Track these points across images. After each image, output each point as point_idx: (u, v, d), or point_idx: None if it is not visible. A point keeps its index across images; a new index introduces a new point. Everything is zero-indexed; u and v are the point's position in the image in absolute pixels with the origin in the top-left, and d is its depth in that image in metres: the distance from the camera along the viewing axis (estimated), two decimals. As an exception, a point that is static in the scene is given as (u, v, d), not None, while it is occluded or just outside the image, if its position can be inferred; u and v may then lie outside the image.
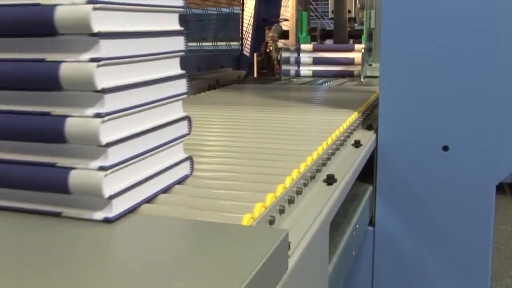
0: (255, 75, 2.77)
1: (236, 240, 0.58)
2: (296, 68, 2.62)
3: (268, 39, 2.73)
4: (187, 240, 0.59)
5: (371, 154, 1.26)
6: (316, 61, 2.65)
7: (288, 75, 2.54)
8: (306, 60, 2.64)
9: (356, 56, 2.54)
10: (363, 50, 2.31)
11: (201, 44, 2.85)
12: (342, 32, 2.79)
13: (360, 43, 2.67)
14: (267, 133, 1.14)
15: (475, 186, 1.26)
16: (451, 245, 1.31)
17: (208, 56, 2.76)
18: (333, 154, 1.03)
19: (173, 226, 0.63)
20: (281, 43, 2.90)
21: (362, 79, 2.32)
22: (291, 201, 0.75)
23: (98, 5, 0.57)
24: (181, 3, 0.74)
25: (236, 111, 1.46)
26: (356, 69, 2.52)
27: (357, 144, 1.16)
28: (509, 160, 1.24)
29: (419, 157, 1.29)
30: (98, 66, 0.57)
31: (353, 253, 1.12)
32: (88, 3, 0.56)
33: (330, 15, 2.79)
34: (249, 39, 3.19)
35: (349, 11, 2.72)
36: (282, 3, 3.45)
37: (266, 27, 2.90)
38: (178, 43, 0.74)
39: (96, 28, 0.57)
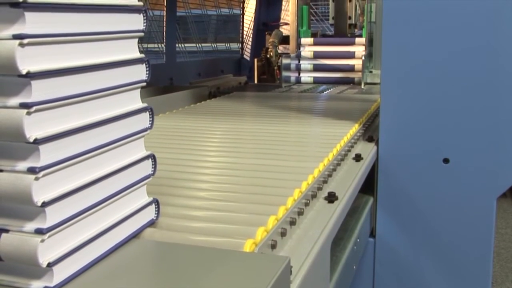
0: (256, 80, 2.78)
1: (238, 268, 0.58)
2: (296, 75, 2.61)
3: (269, 44, 2.73)
4: (188, 268, 0.59)
5: (372, 166, 1.26)
6: (317, 55, 2.61)
7: (289, 81, 2.54)
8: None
9: (356, 50, 2.53)
10: (363, 57, 2.31)
11: (200, 46, 2.85)
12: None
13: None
14: (268, 147, 1.15)
15: (476, 199, 1.26)
16: (451, 256, 1.32)
17: (209, 61, 2.76)
18: (334, 170, 1.03)
19: (172, 253, 0.63)
20: (281, 46, 2.90)
21: (362, 86, 2.33)
22: (292, 222, 0.75)
23: (26, 41, 0.47)
24: (141, 27, 0.65)
25: (236, 122, 1.46)
26: (356, 63, 2.50)
27: (358, 157, 1.16)
28: (510, 174, 1.24)
29: (419, 169, 1.29)
30: (29, 113, 0.48)
31: (354, 267, 1.13)
32: (14, 38, 0.47)
33: (331, 21, 2.79)
34: (249, 42, 3.20)
35: (350, 17, 2.72)
36: (282, 7, 3.46)
37: (266, 33, 2.91)
38: (138, 73, 0.65)
39: (25, 69, 0.48)
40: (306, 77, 2.61)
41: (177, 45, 2.45)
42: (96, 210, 0.58)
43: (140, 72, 0.66)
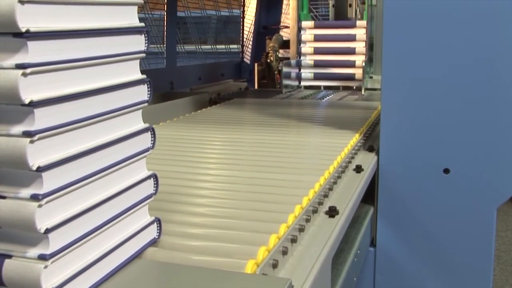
0: (256, 85, 2.77)
1: (240, 291, 0.59)
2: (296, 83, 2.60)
3: (269, 49, 2.73)
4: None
5: (372, 176, 1.26)
6: (317, 39, 2.56)
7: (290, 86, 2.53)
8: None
9: (358, 32, 2.50)
10: (363, 63, 2.31)
11: (200, 47, 2.85)
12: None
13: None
14: (268, 159, 1.15)
15: (476, 209, 1.27)
16: (452, 266, 1.32)
17: (209, 65, 2.76)
18: (334, 183, 1.03)
19: (175, 274, 0.63)
20: (282, 50, 2.90)
21: (363, 92, 2.33)
22: (293, 240, 0.75)
23: (29, 70, 0.48)
24: (142, 47, 0.65)
25: (236, 132, 1.46)
26: (358, 45, 2.48)
27: (358, 169, 1.17)
28: (510, 184, 1.24)
29: (420, 179, 1.30)
30: (32, 141, 0.48)
31: (355, 279, 1.13)
32: (17, 67, 0.47)
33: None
34: (250, 46, 3.20)
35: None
36: (283, 11, 3.45)
37: (267, 37, 2.90)
38: (140, 94, 0.65)
39: (28, 98, 0.48)
40: (307, 60, 2.57)
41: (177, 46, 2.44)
42: (99, 233, 0.59)
43: (142, 93, 0.66)
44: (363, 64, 2.31)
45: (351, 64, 2.50)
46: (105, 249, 0.60)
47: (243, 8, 3.22)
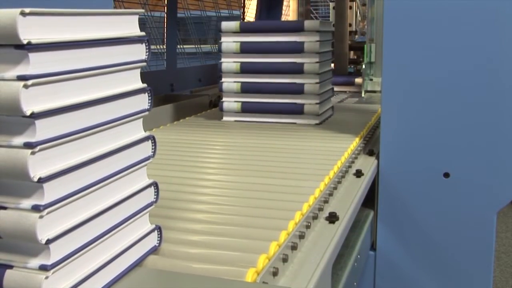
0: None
1: (240, 300, 0.59)
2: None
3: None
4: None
5: (372, 180, 1.26)
6: (245, 49, 1.64)
7: None
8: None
9: (307, 40, 1.58)
10: (363, 66, 2.31)
11: (199, 47, 2.85)
12: (344, 45, 2.79)
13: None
14: (268, 164, 1.15)
15: (476, 214, 1.27)
16: (452, 270, 1.32)
17: (209, 66, 2.76)
18: (335, 188, 1.03)
19: (176, 283, 0.63)
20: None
21: (363, 95, 2.33)
22: (293, 247, 0.75)
23: (30, 82, 0.48)
24: (143, 56, 0.66)
25: (235, 136, 1.46)
26: (308, 60, 1.60)
27: (358, 174, 1.17)
28: (510, 188, 1.24)
29: (420, 183, 1.30)
30: (33, 152, 0.49)
31: (355, 283, 1.13)
32: (19, 79, 0.48)
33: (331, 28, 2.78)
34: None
35: (350, 25, 2.71)
36: (283, 12, 3.46)
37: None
38: (141, 102, 0.66)
39: (29, 110, 0.48)
40: (231, 82, 1.69)
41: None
42: (100, 242, 0.59)
43: (143, 102, 0.66)
44: (363, 66, 2.31)
45: (298, 90, 1.62)
46: (106, 258, 0.60)
47: (243, 9, 3.23)
